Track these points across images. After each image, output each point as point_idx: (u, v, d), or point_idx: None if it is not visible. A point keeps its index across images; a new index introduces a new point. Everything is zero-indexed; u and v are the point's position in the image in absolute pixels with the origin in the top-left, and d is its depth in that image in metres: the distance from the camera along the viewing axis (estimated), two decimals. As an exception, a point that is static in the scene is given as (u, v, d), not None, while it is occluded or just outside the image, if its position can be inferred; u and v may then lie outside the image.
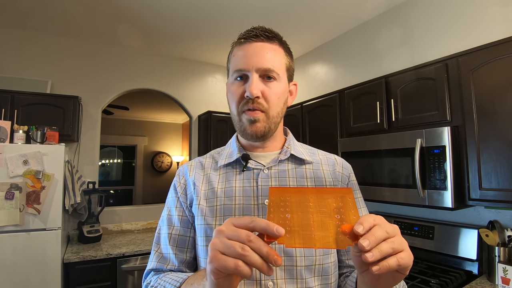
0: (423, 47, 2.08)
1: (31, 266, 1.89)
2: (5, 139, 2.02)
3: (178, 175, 0.78)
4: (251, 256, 0.40)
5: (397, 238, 0.43)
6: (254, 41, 0.68)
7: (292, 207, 0.45)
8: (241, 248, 0.40)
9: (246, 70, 0.66)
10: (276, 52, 0.69)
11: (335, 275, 0.69)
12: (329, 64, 2.91)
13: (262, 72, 0.67)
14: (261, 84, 0.67)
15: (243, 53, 0.68)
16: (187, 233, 0.73)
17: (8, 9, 2.34)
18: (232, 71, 0.70)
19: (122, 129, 6.16)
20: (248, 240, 0.41)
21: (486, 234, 1.55)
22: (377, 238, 0.41)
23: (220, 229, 0.44)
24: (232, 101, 0.70)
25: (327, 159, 0.78)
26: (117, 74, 3.06)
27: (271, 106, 0.68)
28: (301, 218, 0.44)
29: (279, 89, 0.69)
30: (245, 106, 0.67)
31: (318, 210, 0.45)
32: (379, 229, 0.42)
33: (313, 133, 2.50)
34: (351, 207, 0.45)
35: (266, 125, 0.68)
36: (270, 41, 0.69)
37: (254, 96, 0.65)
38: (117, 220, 2.96)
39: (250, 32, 0.69)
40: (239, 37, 0.71)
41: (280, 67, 0.69)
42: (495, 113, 1.40)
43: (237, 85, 0.68)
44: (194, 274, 0.62)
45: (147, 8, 2.33)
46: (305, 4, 2.28)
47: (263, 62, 0.66)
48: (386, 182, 1.79)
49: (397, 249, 0.42)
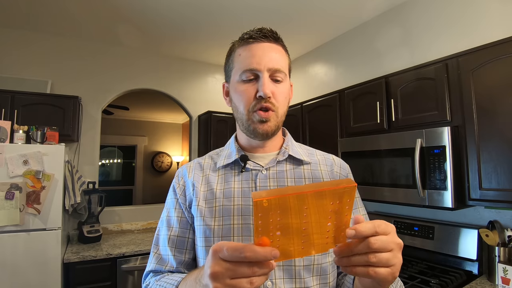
0: (423, 47, 2.07)
1: (31, 266, 1.89)
2: (5, 139, 2.02)
3: (177, 176, 0.79)
4: (258, 282, 0.40)
5: (389, 254, 0.42)
6: (263, 41, 0.69)
7: (282, 218, 0.40)
8: (250, 283, 0.40)
9: (257, 70, 0.66)
10: (282, 53, 0.71)
11: (333, 274, 0.69)
12: (329, 64, 2.91)
13: (273, 72, 0.67)
14: (271, 84, 0.68)
15: (252, 53, 0.68)
16: (185, 234, 0.73)
17: (8, 9, 2.34)
18: (239, 71, 0.69)
19: (122, 129, 6.16)
20: (253, 272, 0.40)
21: (486, 234, 1.55)
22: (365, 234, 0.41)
23: (216, 271, 0.41)
24: (241, 101, 0.69)
25: (325, 159, 0.78)
26: (117, 74, 3.06)
27: (280, 106, 0.69)
28: (291, 232, 0.42)
29: (286, 89, 0.71)
30: (258, 106, 0.67)
31: (310, 216, 0.41)
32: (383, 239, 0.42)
33: (313, 133, 2.50)
34: (346, 210, 0.42)
35: (276, 123, 0.69)
36: (277, 42, 0.70)
37: (267, 96, 0.66)
38: (117, 220, 2.96)
39: (258, 32, 0.69)
40: (245, 37, 0.70)
41: (285, 68, 0.71)
42: (495, 113, 1.40)
43: (247, 85, 0.68)
44: (192, 272, 0.61)
45: (147, 8, 2.33)
46: (305, 4, 2.28)
47: (273, 62, 0.67)
48: (386, 182, 1.79)
49: (379, 262, 0.41)
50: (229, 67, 0.73)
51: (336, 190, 0.40)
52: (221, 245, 0.41)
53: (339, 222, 0.43)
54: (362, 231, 0.41)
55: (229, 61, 0.73)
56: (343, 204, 0.42)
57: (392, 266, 0.42)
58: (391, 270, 0.42)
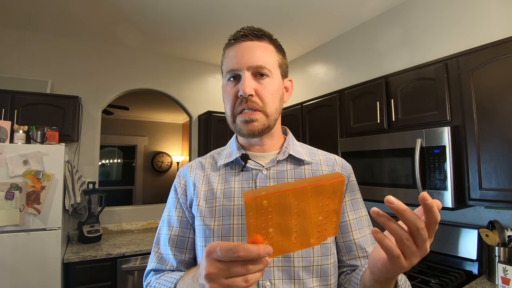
0: (423, 47, 2.07)
1: (31, 266, 1.89)
2: (5, 139, 2.02)
3: (178, 176, 0.79)
4: (253, 279, 0.40)
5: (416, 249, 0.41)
6: (243, 40, 0.69)
7: (273, 215, 0.41)
8: (245, 281, 0.40)
9: (237, 69, 0.67)
10: (266, 49, 0.70)
11: (335, 276, 0.69)
12: (329, 64, 2.91)
13: (254, 69, 0.67)
14: (254, 82, 0.67)
15: (234, 53, 0.68)
16: (186, 234, 0.73)
17: (8, 9, 2.34)
18: (225, 72, 0.70)
19: (122, 129, 6.16)
20: (247, 270, 0.40)
21: (486, 234, 1.55)
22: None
23: (210, 272, 0.41)
24: (227, 102, 0.70)
25: (326, 159, 0.77)
26: (117, 74, 3.06)
27: (266, 103, 0.68)
28: (282, 229, 0.42)
29: (272, 86, 0.69)
30: (240, 106, 0.67)
31: (301, 213, 0.42)
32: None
33: (313, 133, 2.50)
34: (337, 204, 0.43)
35: (266, 123, 0.68)
36: (260, 40, 0.70)
37: (247, 94, 0.65)
38: (117, 220, 2.96)
39: (238, 32, 0.70)
40: (229, 39, 0.71)
41: (272, 64, 0.69)
42: (495, 113, 1.40)
43: (231, 85, 0.69)
44: (189, 271, 0.61)
45: (147, 8, 2.33)
46: (306, 4, 2.28)
47: (253, 59, 0.67)
48: (386, 182, 1.79)
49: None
50: (222, 69, 0.74)
51: (321, 186, 0.41)
52: (214, 245, 0.41)
53: (330, 214, 0.44)
54: (434, 212, 0.39)
55: (221, 64, 0.74)
56: (332, 198, 0.42)
57: (413, 258, 0.41)
58: (409, 261, 0.41)
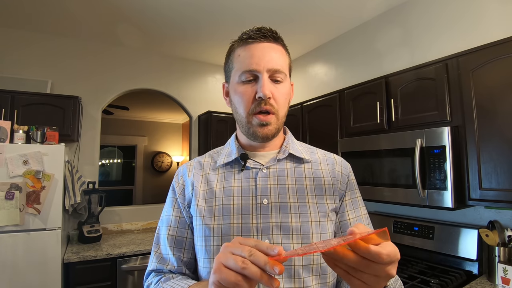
0: (423, 47, 2.07)
1: (31, 266, 1.89)
2: (5, 139, 2.02)
3: (177, 175, 0.78)
4: (250, 268, 0.41)
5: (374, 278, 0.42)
6: (262, 41, 0.68)
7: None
8: (242, 261, 0.41)
9: (257, 70, 0.66)
10: (281, 53, 0.70)
11: (333, 274, 0.69)
12: (329, 64, 2.91)
13: (272, 72, 0.67)
14: (271, 85, 0.67)
15: (252, 53, 0.67)
16: (183, 234, 0.73)
17: (8, 9, 2.34)
18: (238, 72, 0.68)
19: (122, 129, 6.16)
20: (249, 254, 0.42)
21: (486, 234, 1.55)
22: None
23: (227, 244, 0.46)
24: (241, 103, 0.68)
25: (326, 158, 0.77)
26: (117, 74, 3.06)
27: (280, 107, 0.68)
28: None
29: (286, 90, 0.70)
30: (257, 108, 0.66)
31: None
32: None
33: (313, 133, 2.50)
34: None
35: (277, 126, 0.69)
36: (276, 42, 0.70)
37: (267, 97, 0.65)
38: (117, 220, 2.96)
39: (257, 32, 0.68)
40: (244, 37, 0.69)
41: (286, 68, 0.70)
42: (495, 113, 1.40)
43: (247, 86, 0.67)
44: (197, 284, 0.62)
45: (147, 7, 2.33)
46: (306, 4, 2.28)
47: (273, 62, 0.66)
48: (386, 182, 1.79)
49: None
50: (229, 68, 0.72)
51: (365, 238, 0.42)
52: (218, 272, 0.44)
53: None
54: (383, 254, 0.40)
55: (229, 61, 0.72)
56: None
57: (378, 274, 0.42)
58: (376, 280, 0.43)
